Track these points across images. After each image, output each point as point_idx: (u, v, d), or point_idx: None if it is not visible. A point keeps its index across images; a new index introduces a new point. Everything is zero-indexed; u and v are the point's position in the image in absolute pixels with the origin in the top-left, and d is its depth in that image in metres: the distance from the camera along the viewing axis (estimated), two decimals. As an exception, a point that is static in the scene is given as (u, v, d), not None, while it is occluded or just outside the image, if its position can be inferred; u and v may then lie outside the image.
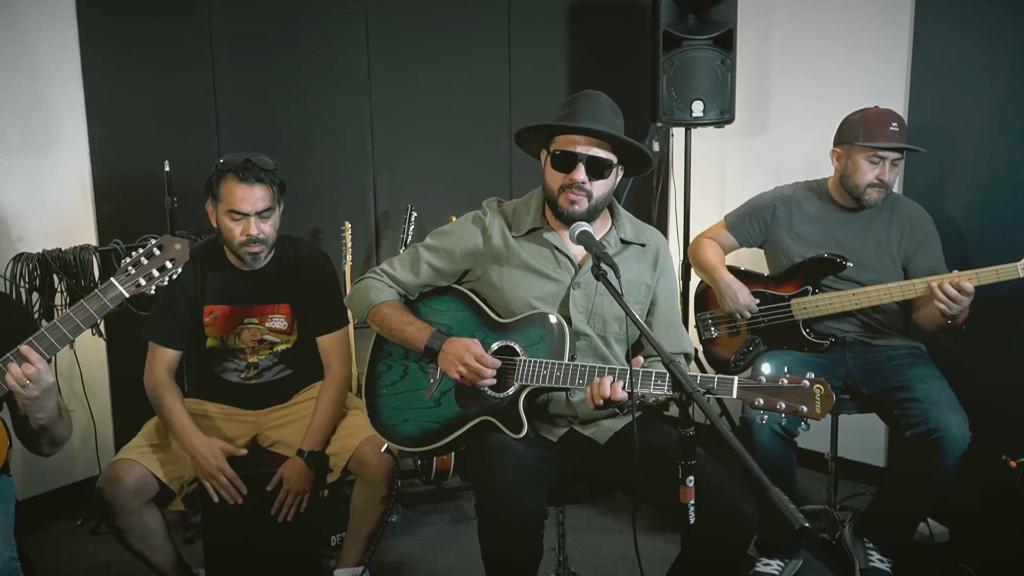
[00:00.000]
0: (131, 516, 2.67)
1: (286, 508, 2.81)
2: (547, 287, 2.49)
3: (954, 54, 3.48)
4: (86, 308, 2.21)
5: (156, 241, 2.26)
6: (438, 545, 3.48)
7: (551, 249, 2.50)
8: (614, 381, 2.21)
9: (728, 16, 3.63)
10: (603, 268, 2.12)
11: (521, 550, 2.19)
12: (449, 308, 2.58)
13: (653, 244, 2.59)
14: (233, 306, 2.89)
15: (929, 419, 2.83)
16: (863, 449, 3.84)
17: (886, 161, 3.04)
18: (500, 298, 2.51)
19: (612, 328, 2.50)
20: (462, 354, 2.36)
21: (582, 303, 2.48)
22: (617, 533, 3.53)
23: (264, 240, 2.80)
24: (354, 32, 4.01)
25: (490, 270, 2.52)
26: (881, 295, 3.03)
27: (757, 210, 3.34)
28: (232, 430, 2.96)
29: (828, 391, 2.06)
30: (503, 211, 2.58)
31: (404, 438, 2.53)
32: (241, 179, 2.73)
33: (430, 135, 4.15)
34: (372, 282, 2.60)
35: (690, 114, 3.67)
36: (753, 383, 2.09)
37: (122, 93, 3.78)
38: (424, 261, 2.56)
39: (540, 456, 2.40)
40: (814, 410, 2.04)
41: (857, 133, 3.06)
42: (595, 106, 2.40)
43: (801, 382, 2.06)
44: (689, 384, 1.75)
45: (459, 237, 2.56)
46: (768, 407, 2.07)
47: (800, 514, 1.42)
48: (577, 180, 2.37)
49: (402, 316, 2.52)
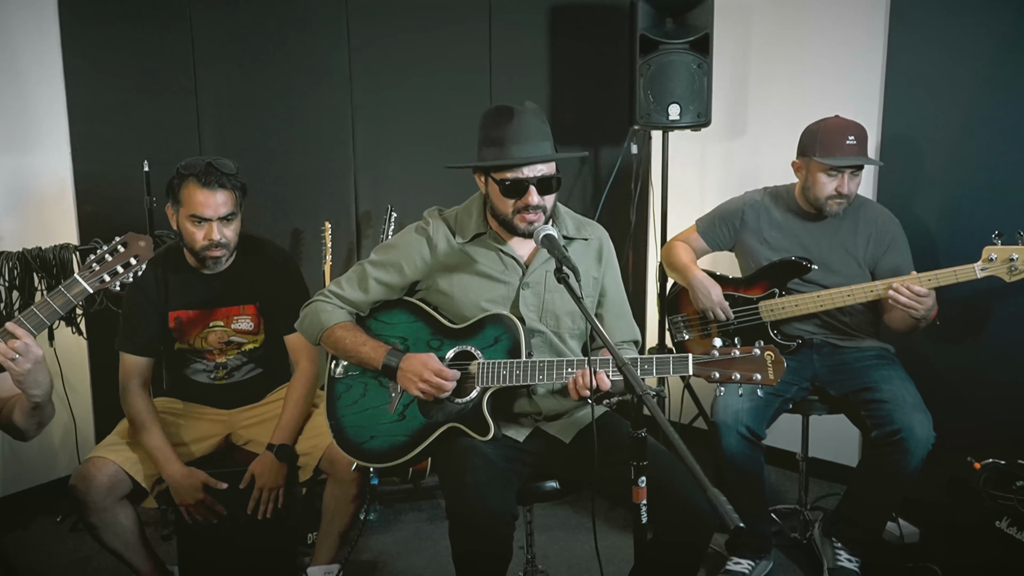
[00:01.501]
0: (104, 513, 2.70)
1: (263, 505, 2.83)
2: (497, 289, 2.52)
3: (927, 62, 3.51)
4: (50, 304, 2.23)
5: (120, 239, 2.29)
6: (414, 543, 3.51)
7: (496, 252, 2.54)
8: (596, 371, 2.23)
9: (705, 21, 3.65)
10: (565, 272, 2.15)
11: (491, 550, 2.22)
12: (401, 320, 2.59)
13: (595, 238, 2.63)
14: (197, 310, 2.91)
15: (894, 420, 2.87)
16: (837, 450, 3.88)
17: (844, 174, 3.07)
18: (451, 305, 2.53)
19: (565, 323, 2.53)
20: (420, 371, 2.39)
21: (532, 302, 2.52)
22: (590, 532, 3.54)
23: (226, 244, 2.81)
24: (336, 33, 4.03)
25: (439, 278, 2.55)
26: (845, 297, 3.07)
27: (727, 215, 3.38)
28: (204, 429, 2.98)
29: (779, 357, 2.14)
30: (445, 219, 2.60)
31: (373, 454, 2.53)
32: (203, 184, 2.73)
33: (412, 136, 4.17)
34: (322, 304, 2.58)
35: (667, 117, 3.70)
36: (707, 358, 2.17)
37: (104, 93, 3.81)
38: (372, 277, 2.57)
39: (507, 457, 2.43)
40: (767, 376, 2.13)
41: (814, 147, 3.09)
42: (525, 125, 2.39)
43: (752, 351, 2.15)
44: (639, 386, 1.78)
45: (404, 249, 2.57)
46: (724, 379, 2.15)
47: (736, 514, 1.45)
48: (532, 203, 2.39)
49: (356, 337, 2.52)
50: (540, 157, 2.38)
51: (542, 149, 2.39)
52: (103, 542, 2.76)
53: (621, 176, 4.19)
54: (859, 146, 3.06)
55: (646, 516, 1.83)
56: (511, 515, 2.24)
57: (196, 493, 2.77)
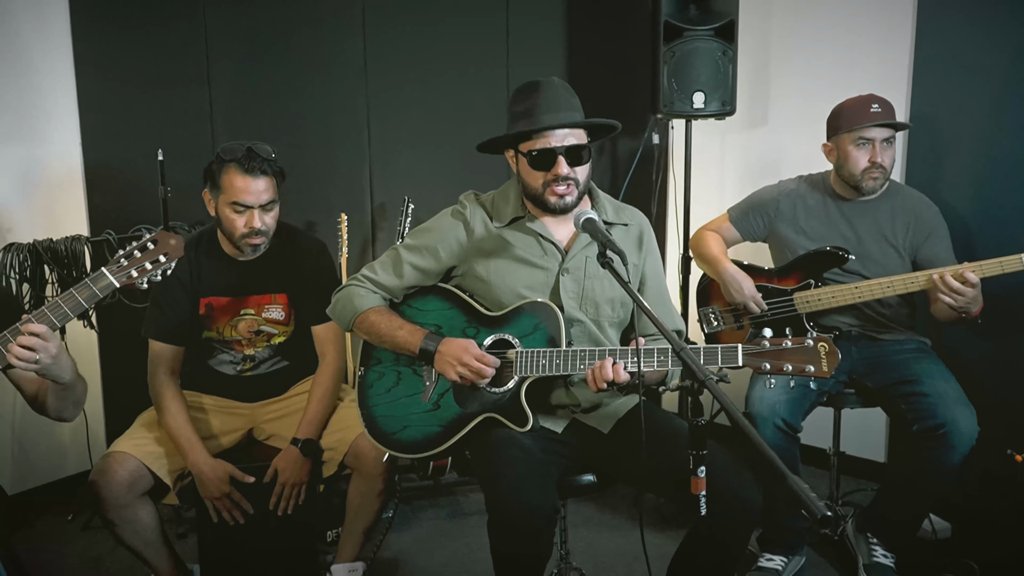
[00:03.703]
0: (124, 510, 2.62)
1: (284, 500, 2.76)
2: (536, 276, 2.45)
3: (957, 43, 3.44)
4: (75, 296, 2.16)
5: (151, 235, 2.23)
6: (434, 540, 3.43)
7: (535, 237, 2.46)
8: (615, 362, 2.17)
9: (729, 7, 3.58)
10: (609, 256, 2.08)
11: (531, 546, 2.15)
12: (435, 307, 2.52)
13: (636, 223, 2.56)
14: (229, 297, 2.84)
15: (937, 414, 2.80)
16: (863, 444, 3.80)
17: (875, 142, 3.01)
18: (488, 291, 2.46)
19: (605, 311, 2.46)
20: (460, 355, 2.32)
21: (572, 289, 2.44)
22: (616, 529, 3.48)
23: (266, 232, 2.75)
24: (351, 24, 3.96)
25: (476, 263, 2.48)
26: (884, 288, 3.00)
27: (760, 204, 3.30)
28: (227, 423, 2.91)
29: (832, 348, 2.06)
30: (482, 202, 2.54)
31: (406, 445, 2.45)
32: (245, 170, 2.67)
33: (426, 128, 4.09)
34: (355, 289, 2.52)
35: (691, 106, 3.63)
36: (757, 348, 2.08)
37: (114, 83, 3.73)
38: (407, 262, 2.50)
39: (546, 449, 2.36)
40: (821, 368, 2.04)
41: (840, 123, 3.05)
42: (554, 95, 2.35)
43: (804, 342, 2.06)
44: (701, 371, 1.71)
45: (441, 233, 2.50)
46: (775, 370, 2.06)
47: (821, 503, 1.38)
48: (562, 174, 2.34)
49: (391, 321, 2.46)
50: (567, 121, 2.32)
51: (571, 117, 2.33)
52: (122, 540, 2.68)
53: (640, 166, 4.12)
54: (884, 112, 3.01)
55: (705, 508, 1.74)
56: (553, 509, 2.16)
57: (223, 486, 2.70)
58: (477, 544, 3.38)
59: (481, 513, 3.58)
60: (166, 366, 2.80)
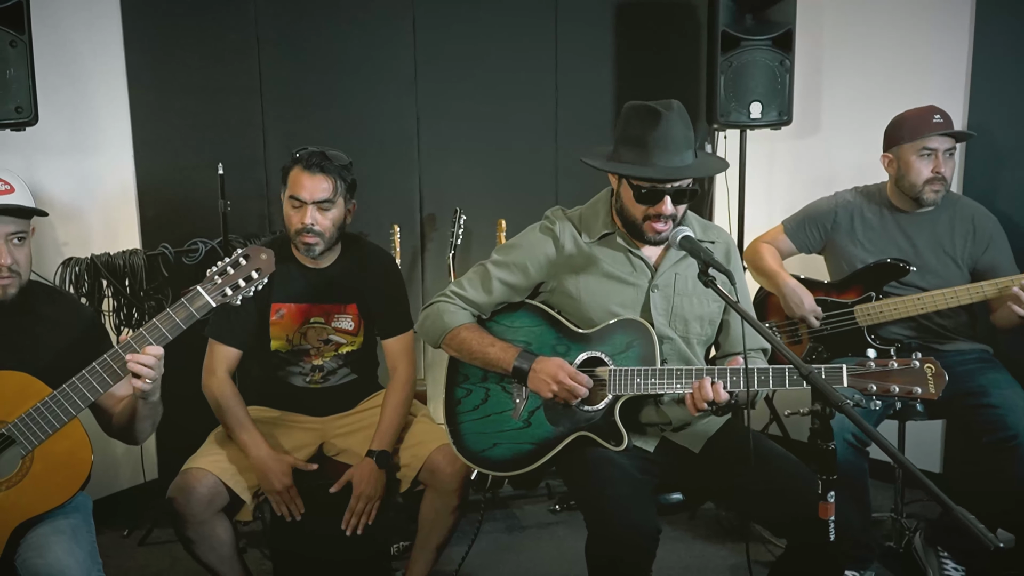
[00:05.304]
0: (202, 526, 2.60)
1: (357, 516, 2.73)
2: (626, 292, 2.43)
3: (1015, 51, 3.43)
4: (173, 318, 2.15)
5: (242, 251, 2.22)
6: (496, 554, 3.41)
7: (625, 253, 2.45)
8: (714, 382, 2.16)
9: (787, 16, 3.59)
10: (711, 275, 2.06)
11: (634, 567, 2.13)
12: (524, 324, 2.50)
13: (722, 241, 2.55)
14: (300, 304, 2.83)
15: (1008, 425, 2.79)
16: (917, 455, 3.78)
17: (938, 152, 3.00)
18: (578, 308, 2.44)
19: (694, 329, 2.45)
20: (555, 372, 2.30)
21: (662, 306, 2.42)
22: (677, 541, 3.46)
23: (319, 232, 2.72)
24: (401, 33, 3.94)
25: (566, 280, 2.46)
26: (948, 299, 2.99)
27: (817, 216, 3.29)
28: (298, 438, 2.88)
29: (940, 369, 2.05)
30: (570, 218, 2.52)
31: (495, 463, 2.44)
32: (306, 167, 2.69)
33: (476, 137, 4.08)
34: (444, 305, 2.51)
35: (748, 116, 3.62)
36: (862, 369, 2.07)
37: (166, 94, 3.72)
38: (496, 278, 2.48)
39: (641, 468, 2.35)
40: (928, 390, 2.03)
41: (902, 133, 3.04)
42: (671, 136, 2.27)
43: (910, 363, 2.05)
44: (833, 395, 1.69)
45: (529, 249, 2.49)
46: (882, 392, 2.05)
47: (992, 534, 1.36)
48: (666, 213, 2.31)
49: (483, 338, 2.45)
50: (682, 173, 2.28)
51: (684, 159, 2.29)
52: (197, 556, 2.65)
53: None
54: (946, 123, 3.01)
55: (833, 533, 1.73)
56: (656, 528, 2.16)
57: (284, 478, 2.68)
58: (541, 558, 3.38)
59: (539, 527, 3.62)
60: (224, 365, 2.80)
